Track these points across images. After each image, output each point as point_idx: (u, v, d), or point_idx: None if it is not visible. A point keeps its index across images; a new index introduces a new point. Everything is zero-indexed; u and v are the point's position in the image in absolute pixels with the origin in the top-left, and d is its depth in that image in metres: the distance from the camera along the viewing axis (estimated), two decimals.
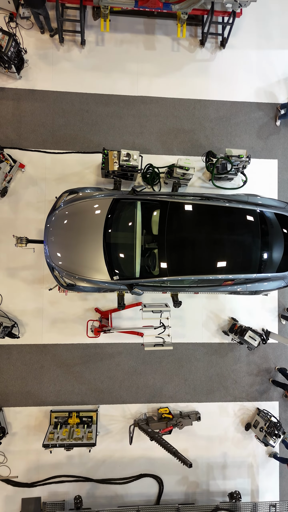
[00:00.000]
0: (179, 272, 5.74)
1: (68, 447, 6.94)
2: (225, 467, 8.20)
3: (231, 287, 6.18)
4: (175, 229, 5.84)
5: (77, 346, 8.02)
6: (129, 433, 7.51)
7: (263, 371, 8.44)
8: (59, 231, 6.09)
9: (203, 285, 6.15)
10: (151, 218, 6.00)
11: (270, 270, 6.01)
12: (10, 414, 7.80)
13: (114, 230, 6.01)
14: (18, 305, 7.91)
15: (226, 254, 5.91)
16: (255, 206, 6.08)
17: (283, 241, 6.09)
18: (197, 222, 5.92)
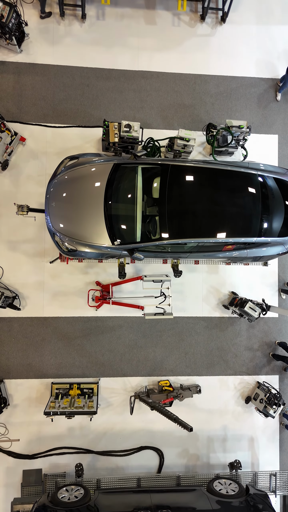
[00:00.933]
0: (179, 235, 5.76)
1: (69, 415, 6.97)
2: (225, 440, 8.24)
3: (232, 253, 6.19)
4: (176, 193, 5.86)
5: (78, 319, 8.05)
6: (130, 403, 7.55)
7: (264, 345, 8.47)
8: (60, 196, 6.12)
9: (204, 251, 6.17)
10: (151, 182, 6.02)
11: (270, 235, 6.04)
12: (11, 386, 7.84)
13: (115, 195, 6.03)
14: (19, 278, 7.93)
15: (226, 217, 5.93)
16: (256, 171, 6.10)
17: (283, 206, 6.11)
18: (198, 186, 5.95)
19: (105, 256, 6.30)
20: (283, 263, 8.59)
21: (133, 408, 7.55)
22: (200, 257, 6.51)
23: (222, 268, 8.40)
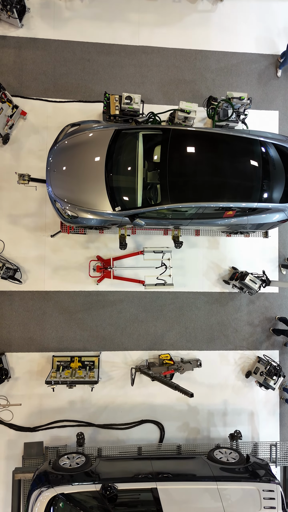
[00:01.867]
0: (180, 199, 5.77)
1: (71, 384, 7.00)
2: (226, 414, 8.27)
3: (232, 220, 6.21)
4: (177, 158, 5.88)
5: (79, 293, 8.08)
6: (131, 375, 7.58)
7: (264, 320, 8.50)
8: (62, 163, 6.14)
9: (204, 217, 6.19)
10: (152, 148, 6.04)
11: (270, 201, 6.06)
12: (12, 359, 7.87)
13: (116, 161, 6.05)
14: (20, 252, 7.96)
15: (227, 182, 5.95)
16: (256, 137, 6.13)
17: (284, 173, 6.13)
18: (198, 150, 5.96)
19: (106, 223, 6.31)
20: (283, 239, 8.62)
21: (134, 379, 7.58)
22: (200, 225, 6.51)
23: (222, 244, 8.43)
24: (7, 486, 7.59)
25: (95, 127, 6.27)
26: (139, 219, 5.93)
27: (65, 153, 6.15)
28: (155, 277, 7.07)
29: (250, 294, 7.87)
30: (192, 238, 8.34)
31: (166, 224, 6.44)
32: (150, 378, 7.51)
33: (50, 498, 5.62)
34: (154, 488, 5.72)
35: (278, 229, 8.56)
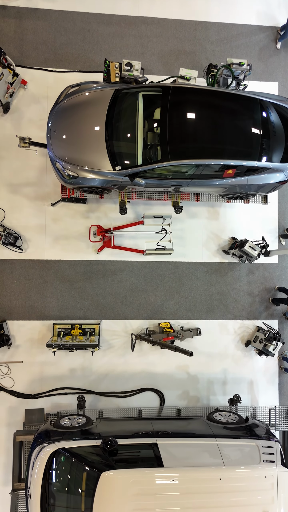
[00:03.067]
0: (180, 156, 5.81)
1: (71, 347, 7.06)
2: (225, 383, 8.33)
3: (232, 179, 6.25)
4: (177, 115, 5.90)
5: (79, 262, 8.12)
6: (131, 340, 7.65)
7: (263, 290, 8.55)
8: (62, 123, 6.18)
9: (204, 177, 6.24)
10: (153, 106, 6.08)
11: (270, 160, 6.10)
12: (13, 327, 7.92)
13: (116, 120, 6.09)
14: (21, 221, 8.00)
15: (227, 139, 5.98)
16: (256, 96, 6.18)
17: (284, 132, 6.18)
18: (199, 108, 6.00)
19: (106, 184, 6.34)
20: (282, 210, 8.67)
21: (134, 345, 7.64)
22: (200, 187, 6.52)
23: (222, 214, 8.48)
24: (8, 452, 7.65)
25: (95, 87, 6.31)
26: (139, 178, 5.97)
27: (66, 113, 6.19)
28: (155, 243, 7.10)
29: (250, 262, 7.92)
30: (193, 209, 8.40)
31: (166, 185, 6.45)
32: (149, 343, 7.58)
33: (51, 453, 5.68)
34: (154, 443, 5.78)
35: (277, 200, 8.61)
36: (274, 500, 5.47)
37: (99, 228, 7.90)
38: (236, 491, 5.39)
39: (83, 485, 5.46)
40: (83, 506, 5.41)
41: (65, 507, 5.55)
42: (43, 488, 5.60)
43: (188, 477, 5.35)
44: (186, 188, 6.63)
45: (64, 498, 5.56)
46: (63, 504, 5.56)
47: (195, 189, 6.71)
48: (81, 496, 5.46)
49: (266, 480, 5.48)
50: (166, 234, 6.87)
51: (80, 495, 5.47)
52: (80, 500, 5.46)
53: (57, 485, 5.61)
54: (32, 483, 5.69)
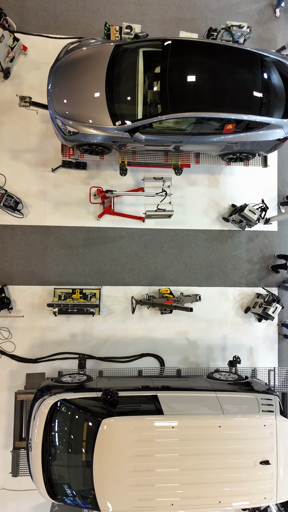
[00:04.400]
0: (180, 109, 5.83)
1: (72, 307, 7.10)
2: (225, 349, 8.38)
3: (231, 136, 6.27)
4: (177, 68, 5.92)
5: (80, 229, 8.16)
6: (132, 303, 7.69)
7: (263, 258, 8.60)
8: (62, 79, 6.21)
9: (204, 133, 6.26)
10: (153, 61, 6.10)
11: (270, 115, 6.12)
12: (14, 292, 7.96)
13: (116, 75, 6.12)
14: (22, 187, 8.03)
15: (227, 92, 6.00)
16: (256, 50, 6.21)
17: (284, 89, 6.20)
18: (199, 61, 6.02)
19: (106, 141, 6.35)
20: (282, 178, 8.71)
21: (135, 308, 7.69)
22: (200, 145, 6.54)
23: (222, 182, 8.52)
24: (10, 415, 7.70)
25: (96, 43, 6.33)
26: (139, 133, 6.00)
27: (66, 69, 6.22)
28: (156, 205, 7.13)
29: (249, 227, 7.96)
30: (193, 176, 8.43)
31: (166, 142, 6.47)
32: (149, 306, 7.63)
33: (53, 404, 5.73)
34: (154, 396, 5.83)
35: (277, 168, 8.65)
36: (273, 449, 5.53)
37: (99, 189, 7.93)
38: (235, 438, 5.44)
39: (84, 434, 5.51)
40: (84, 453, 5.47)
41: (66, 456, 5.61)
42: (44, 439, 5.65)
43: (188, 424, 5.40)
44: (186, 147, 6.65)
45: (65, 447, 5.62)
46: (64, 453, 5.62)
47: (195, 148, 6.72)
48: (81, 444, 5.52)
49: (265, 429, 5.54)
50: (166, 196, 6.89)
51: (81, 443, 5.52)
52: (81, 448, 5.51)
53: (58, 435, 5.66)
54: (33, 435, 5.74)
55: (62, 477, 5.60)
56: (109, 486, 5.27)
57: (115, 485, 5.25)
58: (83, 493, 5.49)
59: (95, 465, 5.32)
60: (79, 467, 5.50)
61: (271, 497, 5.47)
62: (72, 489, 5.56)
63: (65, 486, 5.59)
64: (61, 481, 5.61)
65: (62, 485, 5.60)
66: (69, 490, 5.58)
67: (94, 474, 5.31)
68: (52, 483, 5.64)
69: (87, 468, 5.38)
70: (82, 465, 5.46)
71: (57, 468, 5.61)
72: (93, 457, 5.34)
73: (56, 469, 5.61)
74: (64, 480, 5.60)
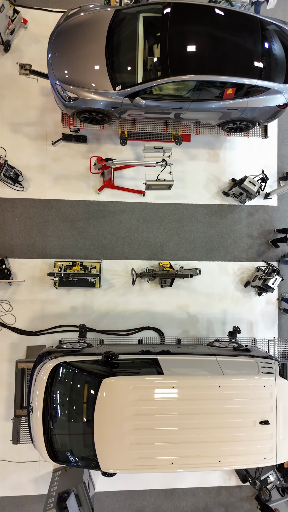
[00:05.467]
0: (180, 72, 5.84)
1: (73, 277, 7.12)
2: (225, 323, 8.41)
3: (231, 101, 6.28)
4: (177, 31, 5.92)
5: (80, 202, 8.18)
6: (132, 274, 7.71)
7: (263, 233, 8.61)
8: (63, 45, 6.22)
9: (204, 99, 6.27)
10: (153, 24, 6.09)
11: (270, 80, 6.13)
12: (15, 265, 7.98)
13: (117, 40, 6.14)
14: (22, 160, 8.04)
15: (227, 55, 6.00)
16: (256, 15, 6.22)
17: (284, 54, 6.21)
18: (199, 24, 6.02)
19: (107, 107, 6.35)
20: (282, 153, 8.72)
21: (135, 279, 7.71)
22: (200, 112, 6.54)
23: (222, 157, 8.53)
24: (10, 387, 7.73)
25: (93, 8, 6.34)
26: (139, 97, 6.01)
27: (66, 35, 6.23)
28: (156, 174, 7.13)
29: (250, 199, 7.97)
30: (193, 151, 8.44)
31: (166, 109, 6.47)
32: (150, 277, 7.65)
33: (54, 366, 5.75)
34: (155, 359, 5.86)
35: (277, 144, 8.66)
36: (273, 409, 5.55)
37: (100, 157, 7.92)
38: (235, 398, 5.46)
39: (85, 394, 5.54)
40: (85, 413, 5.50)
41: (67, 417, 5.64)
42: (45, 401, 5.68)
43: (187, 384, 5.43)
44: (186, 114, 6.65)
45: (66, 408, 5.65)
46: (65, 414, 5.65)
47: (195, 115, 6.72)
48: (82, 405, 5.54)
49: (264, 390, 5.56)
50: (166, 166, 6.89)
51: (82, 403, 5.55)
52: (81, 408, 5.54)
53: (58, 396, 5.69)
54: (34, 397, 5.77)
55: (63, 438, 5.64)
56: (109, 445, 5.30)
57: (116, 443, 5.28)
58: (84, 452, 5.53)
59: (95, 425, 5.35)
60: (79, 427, 5.53)
61: (271, 457, 5.50)
62: (73, 450, 5.59)
63: (66, 447, 5.62)
64: (63, 442, 5.64)
65: (64, 445, 5.63)
66: (70, 451, 5.62)
67: (95, 433, 5.34)
68: (53, 445, 5.67)
69: (88, 427, 5.41)
70: (83, 425, 5.49)
71: (58, 429, 5.64)
72: (93, 416, 5.37)
73: (57, 430, 5.64)
74: (65, 441, 5.63)
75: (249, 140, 8.54)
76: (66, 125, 7.43)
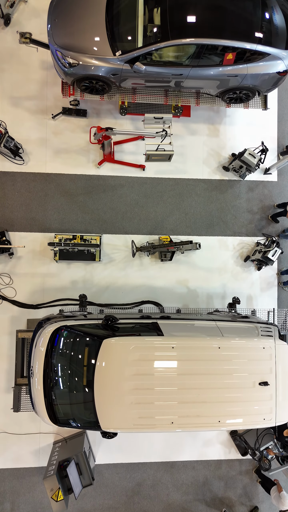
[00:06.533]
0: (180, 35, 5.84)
1: (73, 247, 7.14)
2: (224, 298, 8.42)
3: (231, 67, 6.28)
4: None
5: (80, 176, 8.19)
6: (132, 246, 7.73)
7: (262, 208, 8.63)
8: (63, 11, 6.23)
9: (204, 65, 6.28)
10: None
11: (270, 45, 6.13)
12: (15, 238, 7.99)
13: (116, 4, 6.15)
14: (22, 134, 8.05)
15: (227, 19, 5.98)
16: None
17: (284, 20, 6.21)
18: None
19: (107, 73, 6.35)
20: (282, 128, 8.73)
21: (135, 251, 7.73)
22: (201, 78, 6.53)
23: (222, 132, 8.54)
24: (11, 359, 7.76)
25: None
26: (139, 63, 6.01)
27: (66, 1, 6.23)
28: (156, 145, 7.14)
29: (250, 172, 7.98)
30: (193, 126, 8.45)
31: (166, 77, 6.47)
32: (150, 250, 7.67)
33: (54, 330, 5.77)
34: (155, 323, 5.88)
35: (277, 119, 8.68)
36: (272, 371, 5.57)
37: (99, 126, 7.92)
38: (234, 359, 5.48)
39: (85, 356, 5.56)
40: (85, 374, 5.52)
41: (68, 379, 5.66)
42: (46, 365, 5.70)
43: (187, 345, 5.45)
44: (186, 82, 6.66)
45: (67, 371, 5.67)
46: (65, 376, 5.67)
47: (195, 83, 6.72)
48: (83, 366, 5.57)
49: (264, 351, 5.58)
50: (166, 136, 6.90)
51: (82, 364, 5.57)
52: (82, 370, 5.57)
53: (59, 359, 5.71)
54: (35, 361, 5.78)
55: (64, 400, 5.66)
56: (110, 405, 5.33)
57: (116, 403, 5.30)
58: (84, 413, 5.55)
59: (96, 385, 5.37)
60: (80, 389, 5.56)
61: (270, 418, 5.52)
62: (74, 411, 5.62)
63: (67, 409, 5.65)
64: (64, 404, 5.66)
65: (64, 408, 5.66)
66: (71, 412, 5.64)
67: (95, 394, 5.36)
68: (54, 408, 5.70)
69: (89, 388, 5.43)
70: (84, 387, 5.51)
71: (58, 391, 5.66)
72: (94, 377, 5.39)
73: (57, 392, 5.66)
74: (66, 403, 5.66)
75: (249, 114, 8.55)
76: (66, 95, 7.43)
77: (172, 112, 7.66)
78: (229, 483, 8.26)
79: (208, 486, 8.19)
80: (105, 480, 7.96)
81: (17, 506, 7.79)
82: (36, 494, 7.83)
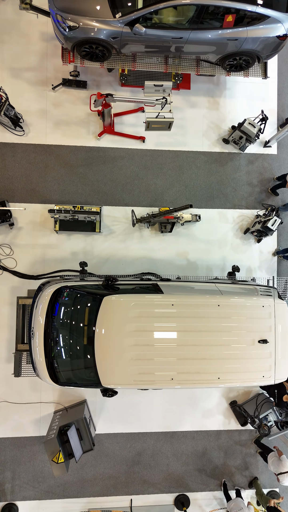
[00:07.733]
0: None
1: (74, 213, 7.16)
2: (224, 270, 8.44)
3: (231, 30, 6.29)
4: None
5: (80, 148, 8.20)
6: (132, 216, 7.75)
7: (262, 181, 8.64)
8: None
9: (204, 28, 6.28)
10: None
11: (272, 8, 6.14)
12: (15, 209, 8.01)
13: None
14: (22, 105, 8.06)
15: None
16: None
17: None
18: None
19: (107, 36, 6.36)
20: (282, 102, 8.75)
21: (135, 221, 7.75)
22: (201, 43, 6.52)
23: (222, 105, 8.55)
24: (11, 329, 7.78)
25: None
26: (139, 25, 6.02)
27: None
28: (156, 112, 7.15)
29: (250, 143, 7.99)
30: (193, 98, 8.46)
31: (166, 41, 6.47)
32: (151, 220, 7.69)
33: (55, 290, 5.80)
34: (155, 284, 5.91)
35: (276, 92, 8.69)
36: (271, 329, 5.61)
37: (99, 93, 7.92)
38: (234, 317, 5.52)
39: (86, 314, 5.60)
40: (86, 331, 5.56)
41: (68, 337, 5.70)
42: (46, 325, 5.74)
43: (187, 302, 5.48)
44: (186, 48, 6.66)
45: (67, 329, 5.71)
46: (66, 335, 5.70)
47: (195, 49, 6.72)
48: (83, 323, 5.60)
49: (263, 310, 5.62)
50: (166, 103, 6.90)
51: (83, 322, 5.60)
52: (82, 327, 5.60)
53: (60, 318, 5.75)
54: (36, 321, 5.82)
55: (64, 359, 5.70)
56: (110, 361, 5.36)
57: (116, 359, 5.34)
58: (85, 371, 5.59)
59: (96, 342, 5.41)
60: (81, 346, 5.59)
61: (269, 375, 5.56)
62: (74, 369, 5.65)
63: (68, 367, 5.68)
64: (64, 363, 5.70)
65: (65, 366, 5.69)
66: (71, 371, 5.68)
67: (96, 351, 5.40)
68: (55, 368, 5.73)
69: (89, 345, 5.47)
70: (84, 344, 5.54)
71: (59, 351, 5.70)
72: (94, 334, 5.43)
73: (58, 352, 5.70)
74: (66, 361, 5.70)
75: (249, 87, 8.56)
76: (66, 62, 7.42)
77: (172, 80, 7.66)
78: (228, 454, 8.31)
79: (208, 456, 8.24)
80: (106, 450, 8.01)
81: (17, 475, 7.84)
82: (36, 463, 7.88)
